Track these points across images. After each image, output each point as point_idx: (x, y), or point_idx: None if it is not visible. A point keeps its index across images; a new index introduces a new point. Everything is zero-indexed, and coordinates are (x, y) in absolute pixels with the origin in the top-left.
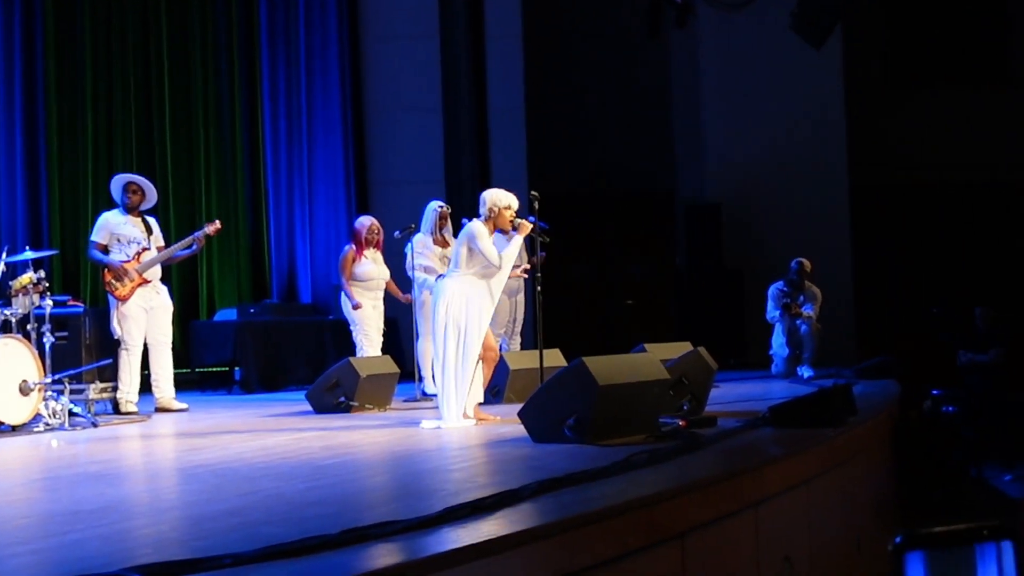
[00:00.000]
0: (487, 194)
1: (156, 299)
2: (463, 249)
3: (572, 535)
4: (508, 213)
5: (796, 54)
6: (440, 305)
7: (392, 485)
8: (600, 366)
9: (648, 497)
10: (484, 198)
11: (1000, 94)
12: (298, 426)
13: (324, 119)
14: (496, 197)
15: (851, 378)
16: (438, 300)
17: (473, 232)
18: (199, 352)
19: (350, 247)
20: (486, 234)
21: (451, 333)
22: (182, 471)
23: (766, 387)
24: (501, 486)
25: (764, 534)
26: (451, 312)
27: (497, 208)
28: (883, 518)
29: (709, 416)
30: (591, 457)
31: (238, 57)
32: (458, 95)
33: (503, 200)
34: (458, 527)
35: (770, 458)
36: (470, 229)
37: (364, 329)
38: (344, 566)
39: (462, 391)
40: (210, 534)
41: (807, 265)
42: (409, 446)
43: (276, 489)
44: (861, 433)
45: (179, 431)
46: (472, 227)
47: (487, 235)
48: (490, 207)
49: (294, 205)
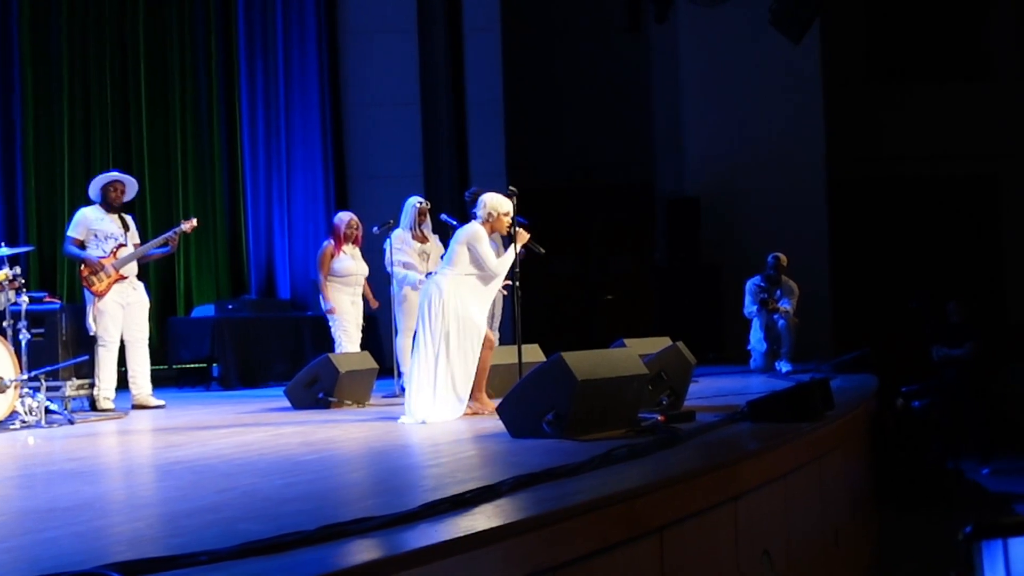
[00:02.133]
0: (487, 198)
1: (133, 295)
2: (461, 248)
3: (551, 530)
4: (506, 219)
5: (775, 49)
6: (435, 303)
7: (370, 481)
8: (579, 361)
9: (627, 492)
10: (483, 201)
11: (978, 88)
12: (276, 422)
13: (302, 114)
14: (496, 202)
15: (829, 372)
16: (432, 298)
17: (475, 235)
18: (177, 348)
19: (329, 243)
20: (486, 239)
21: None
22: (159, 468)
23: (745, 382)
24: (480, 481)
25: (743, 528)
26: (446, 310)
27: (496, 213)
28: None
29: (688, 411)
30: (570, 452)
31: (215, 52)
32: (436, 89)
33: (502, 206)
34: (437, 523)
35: (748, 452)
36: (471, 231)
37: (343, 325)
38: (322, 562)
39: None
40: (186, 531)
41: (783, 259)
42: (388, 442)
43: (253, 485)
44: (838, 427)
45: (156, 428)
46: (473, 229)
47: (487, 240)
48: (489, 211)
49: (272, 200)
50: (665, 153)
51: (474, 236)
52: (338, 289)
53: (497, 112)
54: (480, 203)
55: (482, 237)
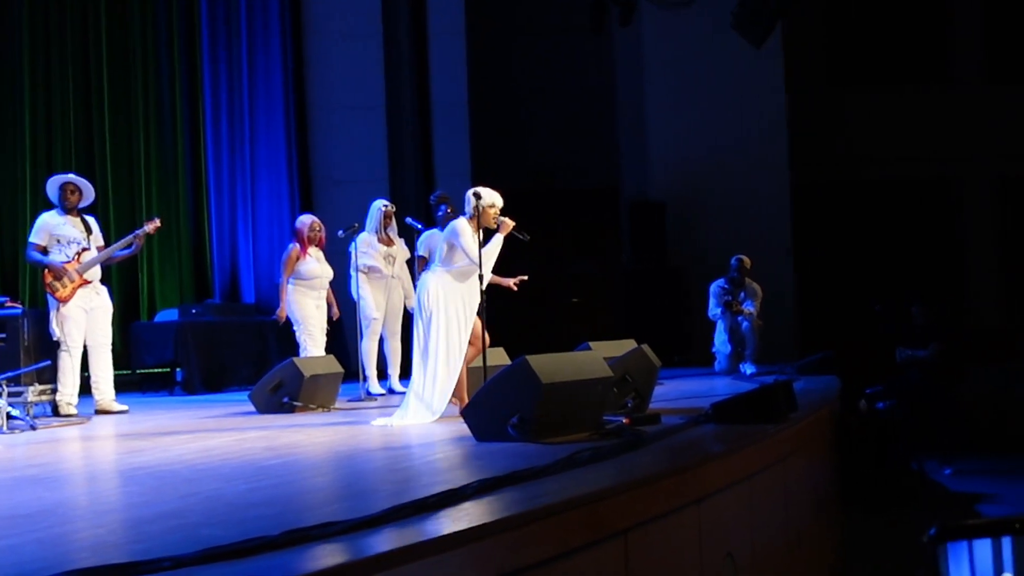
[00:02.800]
0: (480, 191)
1: (96, 300)
2: (444, 246)
3: (515, 533)
4: (492, 211)
5: (738, 53)
6: (423, 300)
7: (335, 485)
8: (543, 364)
9: (591, 494)
10: (469, 196)
11: (939, 92)
12: (240, 427)
13: (266, 117)
14: (488, 197)
15: (792, 374)
16: (421, 295)
17: (456, 229)
18: (140, 353)
19: (294, 246)
20: (470, 232)
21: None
22: (122, 473)
23: (709, 384)
24: (444, 485)
25: (707, 530)
26: (433, 309)
27: (482, 206)
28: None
29: (653, 413)
30: (534, 455)
31: (179, 55)
32: (401, 93)
33: (488, 199)
34: (401, 527)
35: (712, 455)
36: (454, 226)
37: (308, 329)
38: (285, 567)
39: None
40: (149, 537)
41: (747, 262)
42: (352, 446)
43: (217, 491)
44: (802, 429)
45: (119, 433)
46: (456, 224)
47: (471, 233)
48: (475, 204)
49: (236, 204)
50: (630, 156)
51: (456, 230)
52: (303, 293)
53: (462, 116)
54: (466, 198)
55: (464, 231)
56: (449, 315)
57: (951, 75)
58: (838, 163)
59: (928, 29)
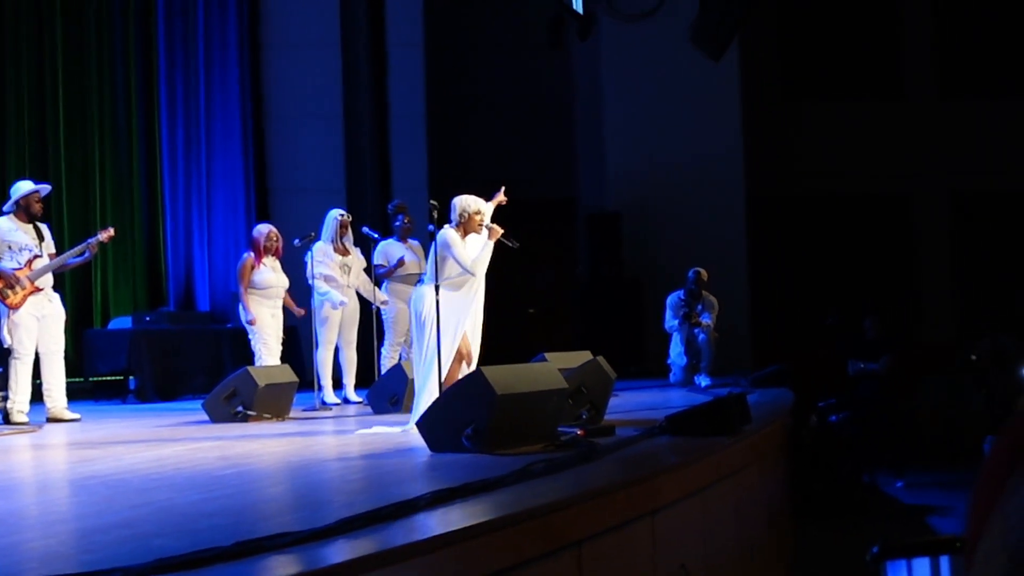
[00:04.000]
0: (457, 200)
1: (48, 307)
2: (436, 259)
3: (468, 545)
4: (478, 218)
5: (695, 66)
6: (420, 311)
7: (288, 496)
8: (498, 375)
9: (544, 506)
10: (454, 204)
11: (893, 107)
12: (194, 436)
13: (223, 126)
14: (466, 203)
15: (747, 387)
16: (419, 308)
17: (446, 240)
18: (93, 361)
19: (249, 255)
20: (459, 241)
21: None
22: (73, 483)
23: (664, 396)
24: (397, 496)
25: (660, 542)
26: (429, 320)
27: (467, 214)
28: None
29: (607, 425)
30: (488, 467)
31: (135, 62)
32: (359, 103)
33: (473, 206)
34: (354, 538)
35: (666, 467)
36: (443, 237)
37: (263, 338)
38: None
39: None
40: (100, 547)
41: (704, 275)
42: (307, 456)
43: (169, 501)
44: (755, 441)
45: (71, 442)
46: (445, 235)
47: (460, 242)
48: (460, 213)
49: (192, 212)
50: (587, 168)
51: (446, 241)
52: (258, 302)
53: (420, 126)
54: (451, 207)
55: (455, 241)
56: (447, 329)
57: (904, 91)
58: (793, 177)
59: (882, 45)
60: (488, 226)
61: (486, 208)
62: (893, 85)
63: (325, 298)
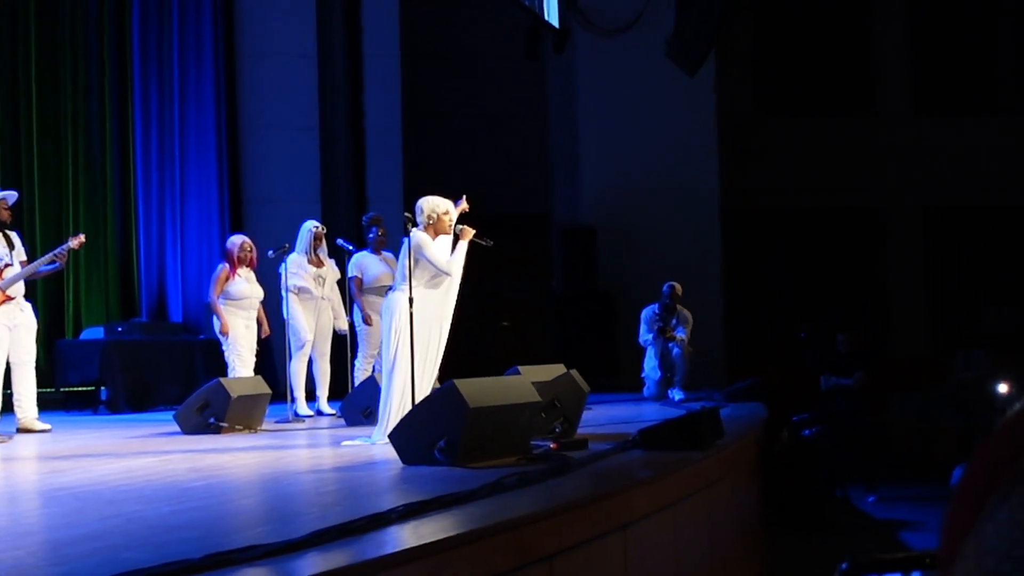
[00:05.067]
0: (423, 202)
1: (20, 316)
2: (409, 262)
3: (440, 558)
4: (447, 218)
5: (671, 81)
6: (392, 322)
7: (259, 508)
8: (471, 388)
9: (516, 519)
10: (420, 207)
11: (866, 123)
12: (165, 448)
13: (197, 136)
14: (434, 204)
15: (720, 401)
16: (392, 315)
17: (418, 242)
18: (64, 371)
19: (223, 266)
20: (431, 242)
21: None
22: (43, 494)
23: (638, 410)
24: (369, 509)
25: (632, 556)
26: (401, 328)
27: (436, 215)
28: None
29: (580, 439)
30: (461, 480)
31: (109, 72)
32: (335, 114)
33: (441, 206)
34: (325, 551)
35: (639, 481)
36: (414, 240)
37: (236, 349)
38: None
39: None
40: (68, 559)
41: (678, 289)
42: (278, 468)
43: (139, 513)
44: (728, 456)
45: (41, 453)
46: (415, 237)
47: (431, 242)
48: (428, 215)
49: (165, 223)
50: (562, 182)
51: (418, 243)
52: (232, 313)
53: (395, 138)
54: (417, 209)
55: (426, 242)
56: (420, 337)
57: (878, 107)
58: (767, 192)
59: (855, 62)
60: (460, 227)
61: (453, 211)
62: (867, 101)
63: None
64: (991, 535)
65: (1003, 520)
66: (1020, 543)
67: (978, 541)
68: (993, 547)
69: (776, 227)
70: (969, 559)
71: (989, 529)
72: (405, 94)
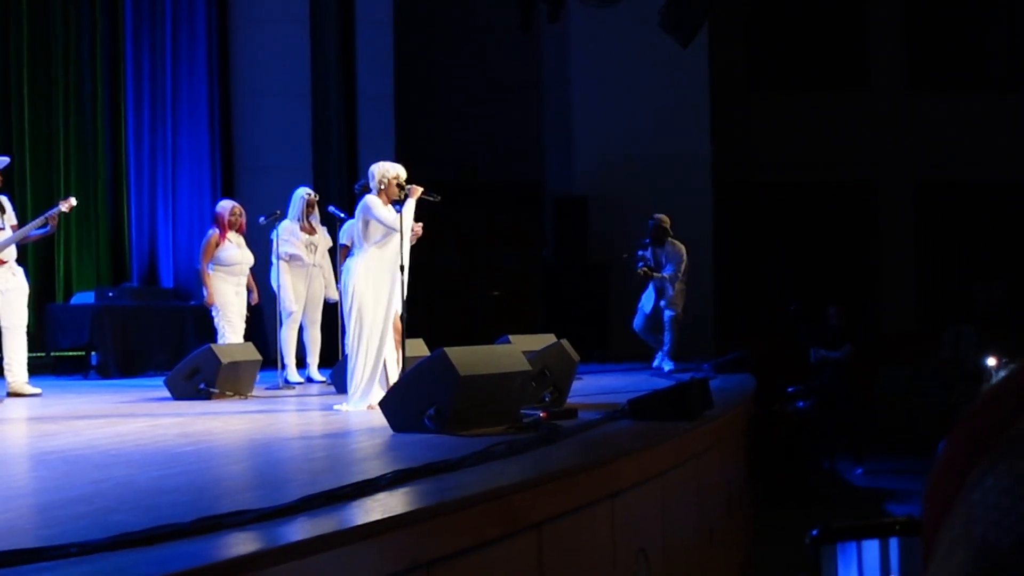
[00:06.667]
0: (374, 168)
1: (12, 281)
2: (360, 225)
3: (428, 525)
4: (395, 182)
5: (664, 52)
6: (348, 286)
7: (249, 473)
8: (462, 357)
9: (505, 487)
10: (372, 172)
11: (858, 97)
12: (155, 412)
13: (189, 102)
14: (384, 168)
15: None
16: (346, 281)
17: (367, 204)
18: (55, 335)
19: (213, 231)
20: (380, 203)
21: (356, 313)
22: (32, 457)
23: (627, 380)
24: (359, 475)
25: (620, 525)
26: (357, 291)
27: (386, 179)
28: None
29: (570, 408)
30: (450, 447)
31: (101, 36)
32: (327, 81)
33: (391, 171)
34: (314, 516)
35: (627, 451)
36: (364, 203)
37: (227, 315)
38: (197, 555)
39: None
40: (58, 522)
41: (664, 220)
42: (268, 434)
43: (129, 476)
44: (716, 426)
45: (31, 416)
46: (365, 201)
47: (381, 204)
48: (379, 179)
49: (156, 188)
50: (554, 151)
51: (367, 206)
52: (223, 279)
53: (388, 106)
54: (369, 175)
55: (375, 203)
56: (379, 298)
57: (871, 81)
58: (760, 164)
59: (849, 35)
60: (409, 186)
61: (404, 174)
62: (860, 75)
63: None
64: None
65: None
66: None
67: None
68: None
69: (768, 199)
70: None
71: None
72: (398, 61)
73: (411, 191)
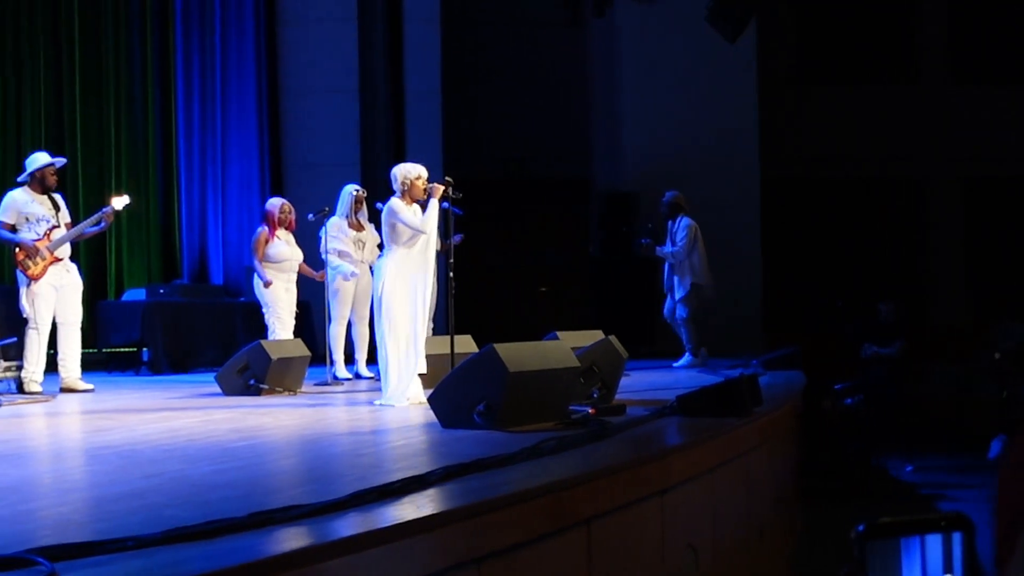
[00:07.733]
0: (396, 170)
1: (67, 277)
2: (387, 228)
3: (478, 521)
4: (420, 183)
5: (712, 47)
6: (378, 286)
7: (300, 469)
8: (511, 353)
9: (555, 483)
10: (395, 174)
11: (907, 92)
12: (206, 408)
13: (238, 100)
14: (405, 170)
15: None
16: (376, 282)
17: (392, 208)
18: (107, 332)
19: (263, 228)
20: (403, 207)
21: (386, 313)
22: (86, 452)
23: (675, 376)
24: (409, 471)
25: (669, 522)
26: (386, 290)
27: (409, 180)
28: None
29: (618, 404)
30: (500, 443)
31: (151, 36)
32: (375, 78)
33: (413, 172)
34: (365, 512)
35: (676, 447)
36: (388, 207)
37: (276, 311)
38: (249, 550)
39: (405, 370)
40: (112, 516)
41: (680, 198)
42: (318, 430)
43: (181, 471)
44: (766, 423)
45: (84, 411)
46: (389, 205)
47: (405, 207)
48: (402, 181)
49: (207, 186)
50: (602, 147)
51: (392, 209)
52: (272, 275)
53: (435, 102)
54: (392, 177)
55: (399, 207)
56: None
57: (919, 76)
58: (808, 159)
59: (897, 30)
60: (431, 185)
61: (425, 173)
62: (908, 69)
63: (337, 271)
64: None
65: None
66: None
67: None
68: None
69: (816, 195)
70: None
71: None
72: (446, 58)
73: (433, 190)
